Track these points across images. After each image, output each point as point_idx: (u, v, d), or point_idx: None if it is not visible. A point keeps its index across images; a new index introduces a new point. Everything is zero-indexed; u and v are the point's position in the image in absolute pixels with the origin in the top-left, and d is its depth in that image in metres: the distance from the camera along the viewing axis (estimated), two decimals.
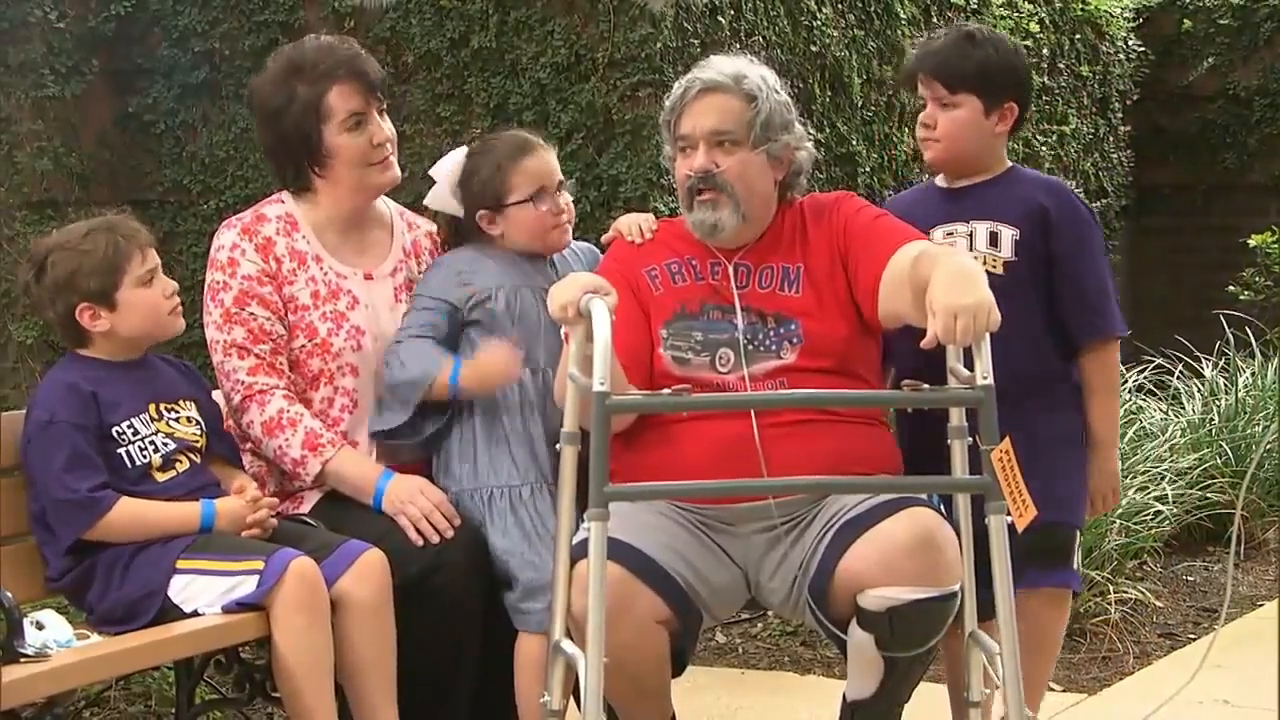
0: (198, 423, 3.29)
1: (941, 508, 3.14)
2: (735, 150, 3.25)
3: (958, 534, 3.01)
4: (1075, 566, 3.43)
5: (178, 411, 3.27)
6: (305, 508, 3.39)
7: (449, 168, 3.53)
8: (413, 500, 3.28)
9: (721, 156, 3.25)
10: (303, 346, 3.41)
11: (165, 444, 3.21)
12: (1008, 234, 3.36)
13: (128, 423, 3.17)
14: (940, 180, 3.50)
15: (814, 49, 5.91)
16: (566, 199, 3.48)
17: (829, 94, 6.02)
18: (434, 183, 3.54)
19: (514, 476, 3.35)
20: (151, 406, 3.23)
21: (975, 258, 3.32)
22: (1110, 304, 3.39)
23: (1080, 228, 3.38)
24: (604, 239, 3.51)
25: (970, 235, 3.38)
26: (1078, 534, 3.43)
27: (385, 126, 3.47)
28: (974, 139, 3.39)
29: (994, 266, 3.33)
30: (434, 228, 3.67)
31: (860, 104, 6.18)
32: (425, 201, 3.57)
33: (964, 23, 6.06)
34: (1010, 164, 3.48)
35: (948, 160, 3.43)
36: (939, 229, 3.39)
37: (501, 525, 3.32)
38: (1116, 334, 3.40)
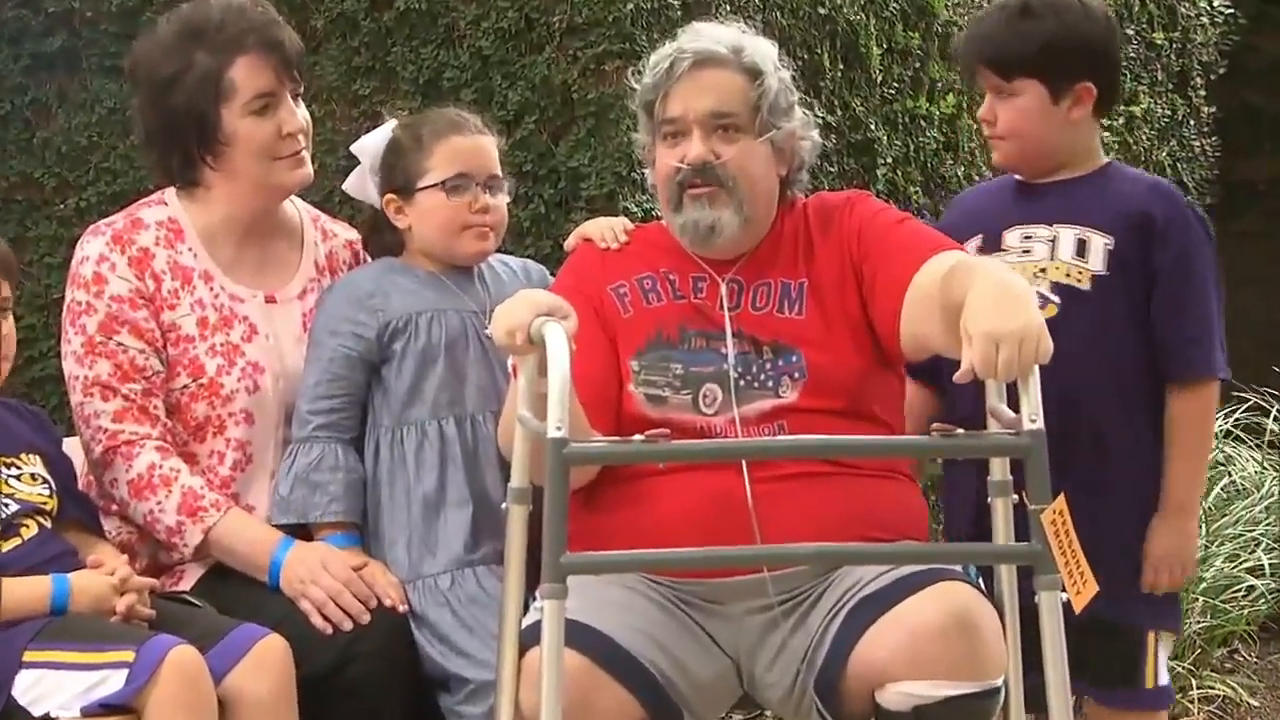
0: (45, 481, 3.29)
1: (980, 581, 3.16)
2: (737, 137, 3.29)
3: (1000, 614, 3.03)
4: (1157, 681, 3.42)
5: (19, 467, 3.28)
6: (186, 584, 3.40)
7: (373, 144, 3.57)
8: (316, 578, 3.30)
9: (721, 144, 3.29)
10: (185, 387, 3.43)
11: (5, 506, 3.21)
12: (1099, 242, 3.40)
13: None
14: (1015, 174, 3.55)
15: (822, 11, 5.95)
16: (496, 201, 3.51)
17: (841, 67, 6.06)
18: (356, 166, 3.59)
19: (447, 553, 3.37)
20: None
21: (1056, 268, 3.37)
22: (1213, 339, 3.43)
23: (1190, 242, 3.42)
24: (566, 246, 3.54)
25: (1052, 241, 3.43)
26: (1156, 637, 3.43)
27: (299, 114, 3.50)
28: (1044, 131, 3.44)
29: (1079, 280, 3.38)
30: (355, 236, 3.70)
31: (880, 79, 6.22)
32: (344, 186, 3.60)
33: None
34: (1106, 159, 3.53)
35: (1019, 160, 3.48)
36: (1014, 231, 3.44)
37: (433, 607, 3.35)
38: (1215, 376, 3.43)
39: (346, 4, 5.56)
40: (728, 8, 5.42)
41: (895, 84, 6.31)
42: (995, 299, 2.81)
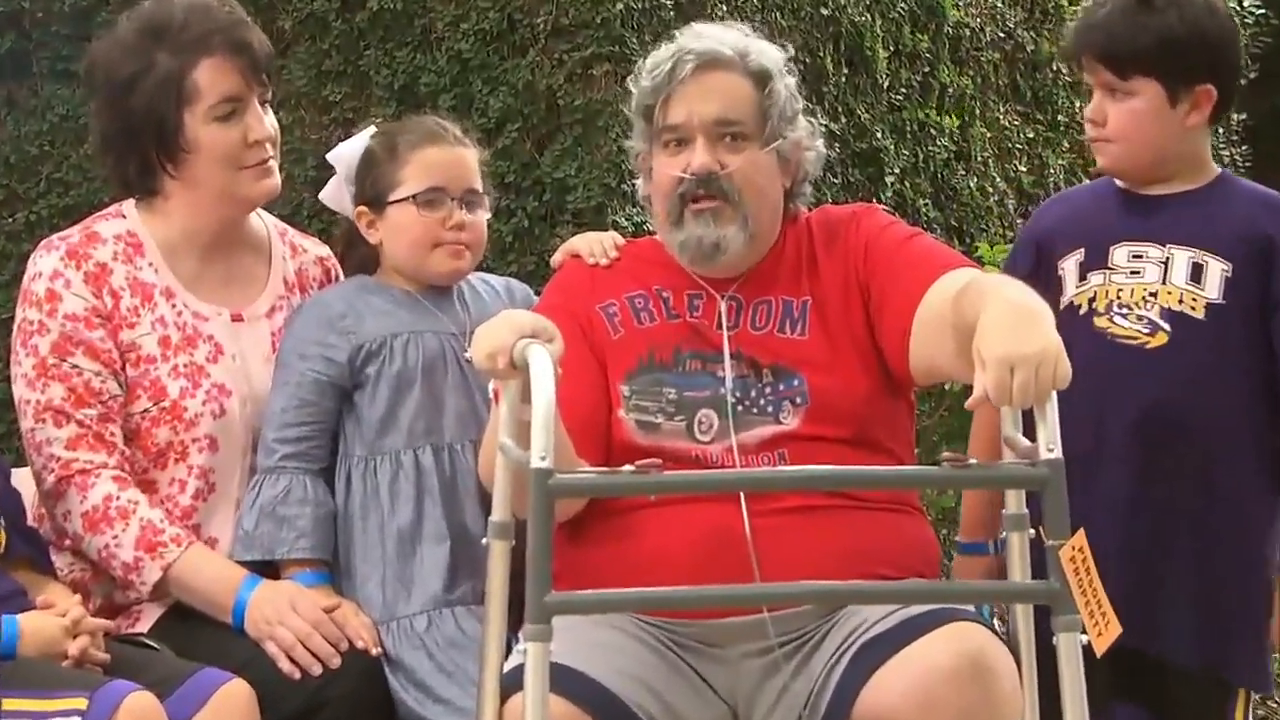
0: None
1: (995, 622, 3.16)
2: (743, 147, 3.30)
3: (1015, 656, 3.03)
4: None
5: None
6: (143, 625, 3.39)
7: (349, 153, 3.58)
8: (283, 619, 3.29)
9: (727, 154, 3.30)
10: (145, 411, 3.43)
11: None
12: (1216, 267, 3.37)
13: None
14: (1118, 180, 3.52)
15: (824, 11, 5.97)
16: (473, 218, 3.51)
17: (845, 71, 6.08)
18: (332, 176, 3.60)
19: (424, 592, 3.37)
20: None
21: (1168, 293, 3.36)
22: None
23: None
24: (552, 263, 3.55)
25: (1165, 263, 3.40)
26: (1249, 696, 3.42)
27: (266, 121, 3.51)
28: (1158, 136, 3.40)
29: (1192, 308, 3.36)
30: (327, 252, 3.70)
31: (887, 84, 6.25)
32: (321, 195, 3.61)
33: None
34: (1219, 170, 3.49)
35: (1127, 166, 3.45)
36: (1121, 247, 3.42)
37: (409, 650, 3.34)
38: None
39: (316, 4, 5.57)
40: (724, 8, 5.44)
41: (903, 89, 6.34)
42: (1010, 320, 2.81)
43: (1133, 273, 3.42)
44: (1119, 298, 3.41)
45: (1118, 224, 3.44)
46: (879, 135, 6.21)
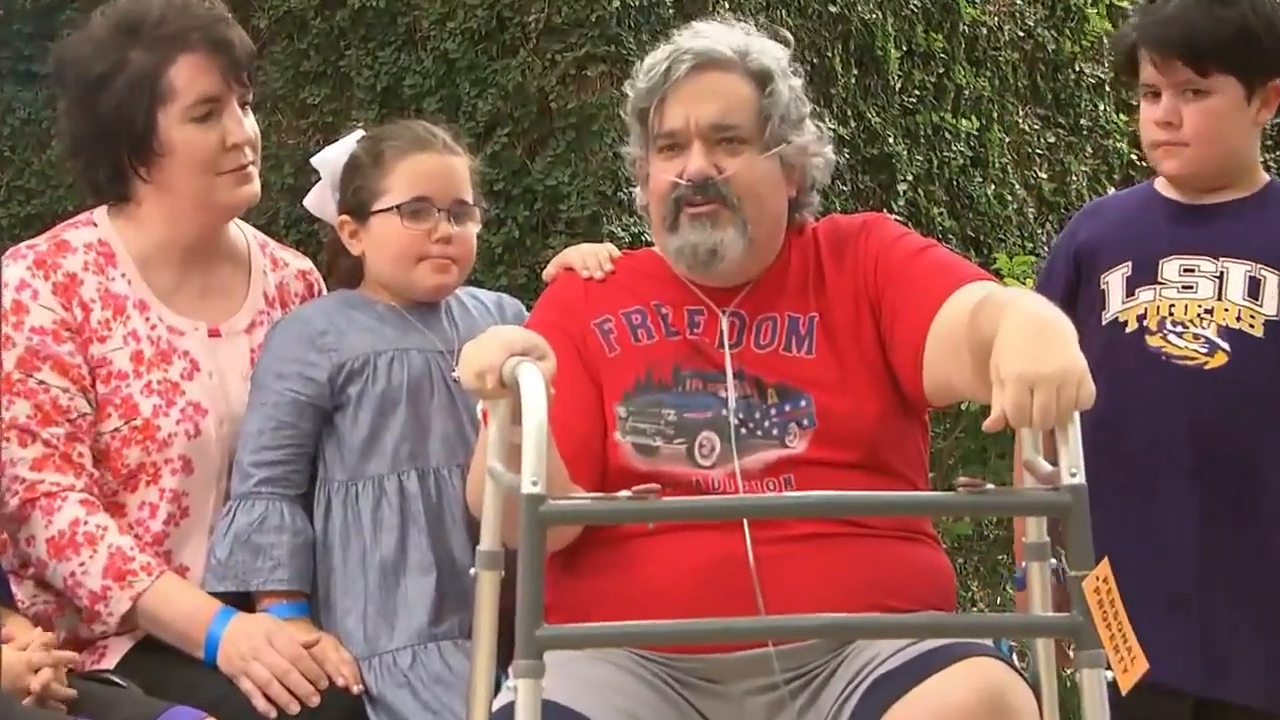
0: None
1: (1014, 657, 3.16)
2: (742, 150, 3.31)
3: (1036, 694, 3.03)
4: None
5: None
6: (110, 661, 3.39)
7: (334, 157, 3.59)
8: (259, 654, 3.29)
9: (725, 158, 3.30)
10: (116, 430, 3.43)
11: None
12: (1274, 281, 3.38)
13: None
14: (1162, 186, 3.51)
15: (833, 9, 5.98)
16: (461, 231, 3.52)
17: (855, 73, 6.09)
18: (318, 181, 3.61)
19: (408, 626, 3.37)
20: None
21: (1225, 310, 3.37)
22: None
23: None
24: (545, 276, 3.55)
25: (1219, 277, 3.40)
26: None
27: (246, 124, 3.51)
28: (1234, 138, 3.40)
29: (1251, 325, 3.37)
30: (309, 266, 3.70)
31: (899, 86, 6.26)
32: (305, 202, 3.62)
33: None
34: (1268, 177, 3.48)
35: (1198, 171, 3.43)
36: (1171, 261, 3.42)
37: (392, 688, 3.34)
38: None
39: (294, 1, 5.58)
40: (726, 5, 5.45)
41: (916, 92, 6.35)
42: (1030, 336, 2.80)
43: (1185, 288, 3.42)
44: (1171, 314, 3.41)
45: (1167, 236, 3.44)
46: (891, 140, 6.22)
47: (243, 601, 3.40)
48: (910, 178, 6.28)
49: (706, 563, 3.14)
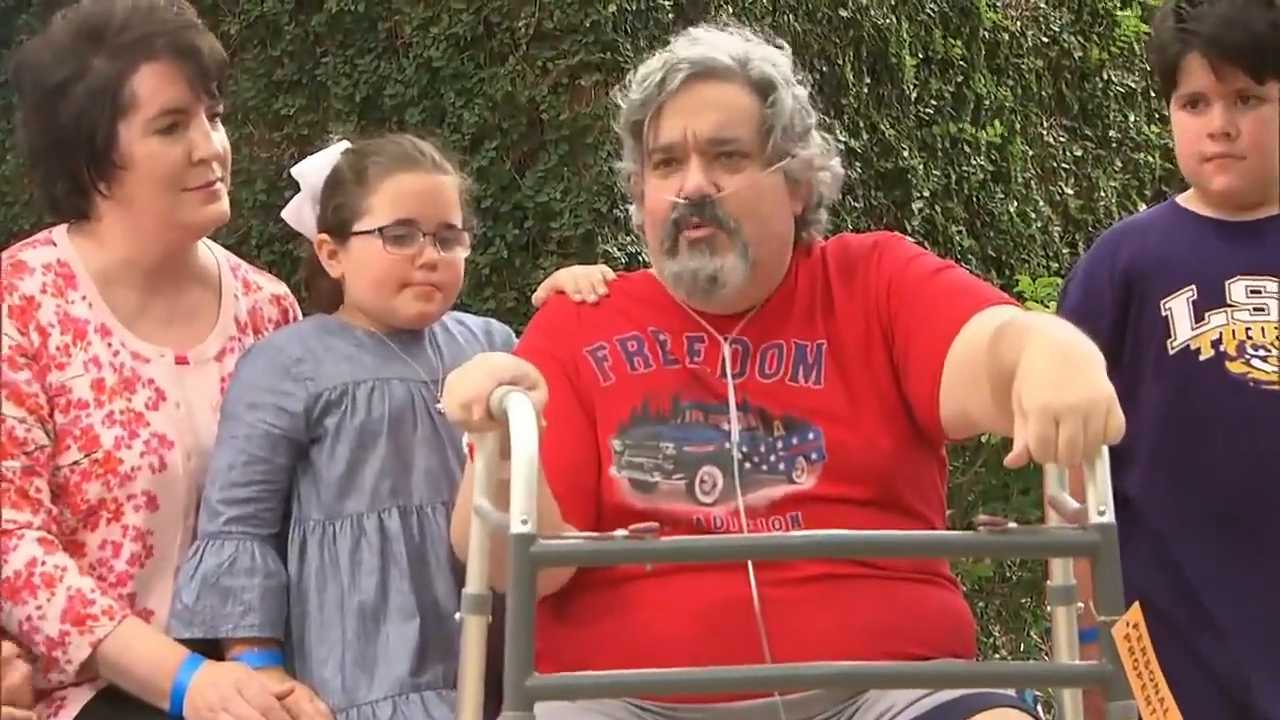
0: None
1: (1039, 708, 3.16)
2: (742, 166, 3.32)
3: None
4: None
5: None
6: (68, 714, 3.39)
7: (315, 169, 3.60)
8: (228, 705, 3.29)
9: (724, 175, 3.31)
10: (76, 463, 3.43)
11: None
12: None
13: None
14: (1190, 203, 3.52)
15: (844, 13, 6.00)
16: (449, 256, 3.51)
17: (868, 81, 6.11)
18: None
19: (389, 675, 3.37)
20: None
21: None
22: None
23: None
24: (535, 300, 3.56)
25: None
26: None
27: (215, 138, 3.51)
28: None
29: None
30: (284, 290, 3.71)
31: (915, 95, 6.27)
32: (284, 214, 3.62)
33: None
34: None
35: (1253, 186, 3.44)
36: (1237, 282, 3.44)
37: None
38: None
39: (267, 6, 5.59)
40: (730, 9, 5.46)
41: (933, 101, 6.36)
42: (1054, 364, 2.79)
43: (1256, 309, 3.43)
44: (1250, 338, 3.42)
45: (1227, 256, 3.45)
46: (906, 153, 6.23)
47: (211, 649, 3.40)
48: (926, 193, 6.29)
49: (708, 607, 3.14)
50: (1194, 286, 3.46)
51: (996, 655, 7.08)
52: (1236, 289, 3.42)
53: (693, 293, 3.34)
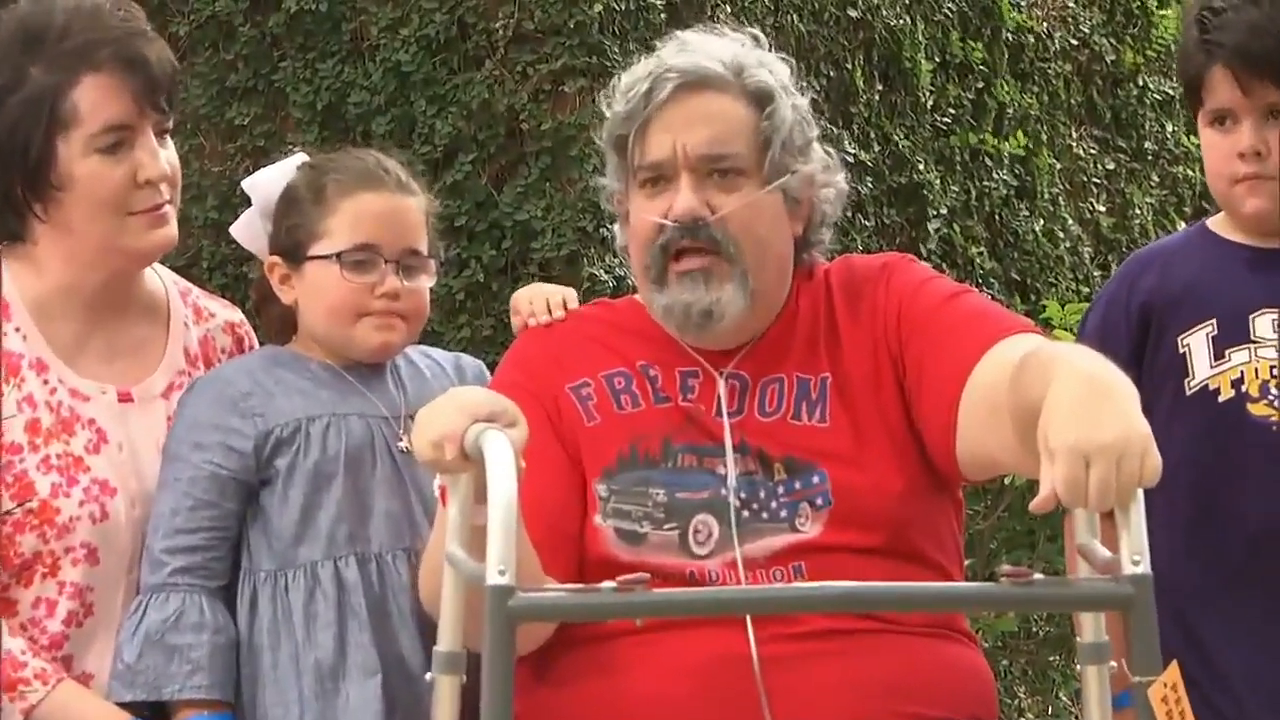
0: None
1: None
2: (739, 184, 3.32)
3: None
4: None
5: None
6: None
7: (268, 181, 3.61)
8: None
9: (718, 195, 3.31)
10: (8, 514, 3.43)
11: None
12: None
13: None
14: (1219, 228, 3.54)
15: (853, 14, 6.01)
16: (413, 285, 3.51)
17: (879, 87, 6.12)
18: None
19: None
20: None
21: None
22: None
23: None
24: (515, 328, 3.56)
25: None
26: None
27: (163, 157, 3.50)
28: None
29: None
30: (239, 317, 3.71)
31: (931, 103, 6.28)
32: (232, 229, 3.62)
33: None
34: None
35: None
36: (1262, 316, 3.45)
37: None
38: None
39: (219, 5, 5.60)
40: (728, 9, 5.47)
41: (951, 110, 6.37)
42: (1084, 399, 2.78)
43: None
44: (1274, 377, 3.43)
45: (1253, 287, 3.46)
46: (921, 166, 6.24)
47: (156, 713, 3.40)
48: (944, 211, 6.30)
49: (703, 665, 3.14)
50: (1215, 320, 3.47)
51: (1021, 718, 7.08)
52: (1262, 323, 3.43)
53: (685, 327, 3.33)
